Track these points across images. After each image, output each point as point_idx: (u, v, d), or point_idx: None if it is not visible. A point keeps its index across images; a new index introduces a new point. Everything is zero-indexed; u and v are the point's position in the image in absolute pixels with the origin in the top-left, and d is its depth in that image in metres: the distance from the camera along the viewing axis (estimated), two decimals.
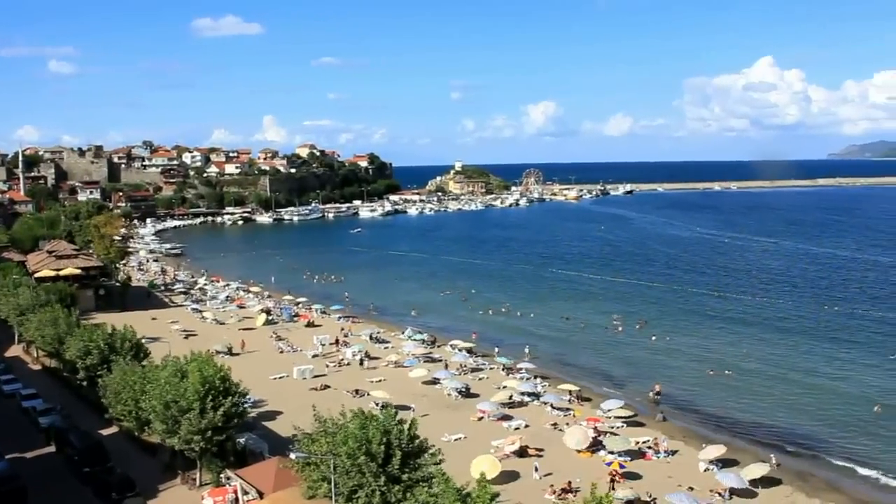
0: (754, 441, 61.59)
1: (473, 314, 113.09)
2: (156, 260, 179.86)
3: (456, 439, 59.13)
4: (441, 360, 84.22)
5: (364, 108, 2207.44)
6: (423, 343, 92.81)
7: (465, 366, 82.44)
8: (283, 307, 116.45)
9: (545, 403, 69.22)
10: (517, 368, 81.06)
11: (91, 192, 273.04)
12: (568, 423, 63.25)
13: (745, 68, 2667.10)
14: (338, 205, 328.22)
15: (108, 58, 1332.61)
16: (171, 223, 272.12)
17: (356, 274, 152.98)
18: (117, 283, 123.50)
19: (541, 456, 56.10)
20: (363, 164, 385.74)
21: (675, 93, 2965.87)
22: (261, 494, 42.10)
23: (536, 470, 52.84)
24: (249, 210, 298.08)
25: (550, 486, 50.39)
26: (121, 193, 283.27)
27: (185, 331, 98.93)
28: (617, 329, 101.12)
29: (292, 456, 39.57)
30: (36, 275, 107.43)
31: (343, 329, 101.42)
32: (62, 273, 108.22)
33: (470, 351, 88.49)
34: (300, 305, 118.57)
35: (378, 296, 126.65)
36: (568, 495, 49.12)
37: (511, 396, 70.49)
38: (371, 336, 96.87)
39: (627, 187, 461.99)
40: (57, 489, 48.42)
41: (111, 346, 62.27)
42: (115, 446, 53.96)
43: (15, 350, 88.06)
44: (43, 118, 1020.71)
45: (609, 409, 65.83)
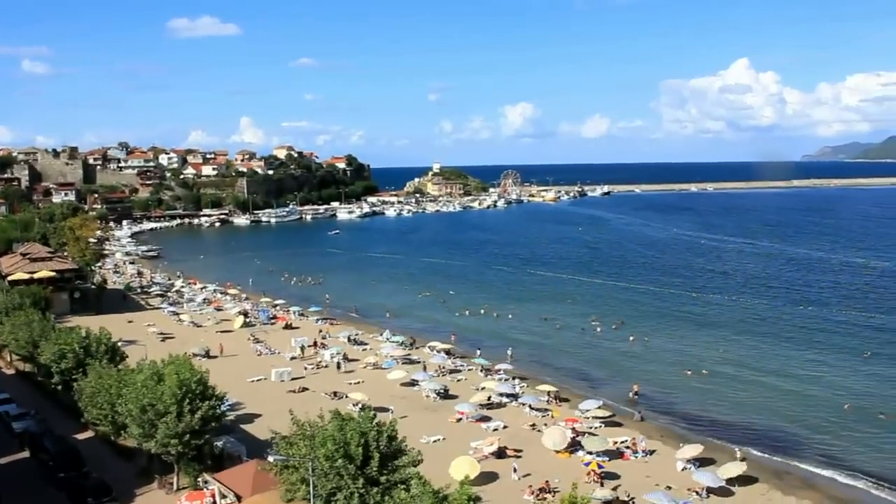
0: (731, 440, 61.96)
1: (452, 316, 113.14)
2: (132, 262, 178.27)
3: (434, 441, 59.09)
4: (419, 362, 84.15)
5: (342, 109, 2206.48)
6: (401, 345, 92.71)
7: (444, 367, 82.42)
8: (260, 309, 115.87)
9: (523, 404, 69.34)
10: (495, 370, 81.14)
11: (66, 194, 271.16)
12: (546, 424, 63.41)
13: (722, 70, 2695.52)
14: (315, 206, 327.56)
15: (82, 58, 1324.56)
16: (147, 225, 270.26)
17: (334, 276, 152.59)
18: (93, 286, 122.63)
19: (519, 457, 56.20)
20: (341, 165, 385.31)
21: (651, 94, 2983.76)
22: (239, 498, 41.86)
23: (515, 471, 52.93)
24: (227, 212, 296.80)
25: (529, 486, 50.48)
26: (96, 195, 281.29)
27: (161, 334, 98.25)
28: (595, 330, 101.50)
29: (270, 459, 39.47)
30: (9, 278, 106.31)
31: (321, 331, 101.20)
32: (36, 276, 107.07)
33: (448, 352, 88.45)
34: (278, 307, 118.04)
35: (356, 298, 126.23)
36: (546, 495, 49.26)
37: (489, 398, 70.52)
38: (349, 338, 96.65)
39: (605, 188, 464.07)
40: (31, 495, 47.97)
41: (86, 349, 61.70)
42: (91, 451, 53.54)
43: None
44: (16, 119, 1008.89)
45: (587, 410, 66.06)
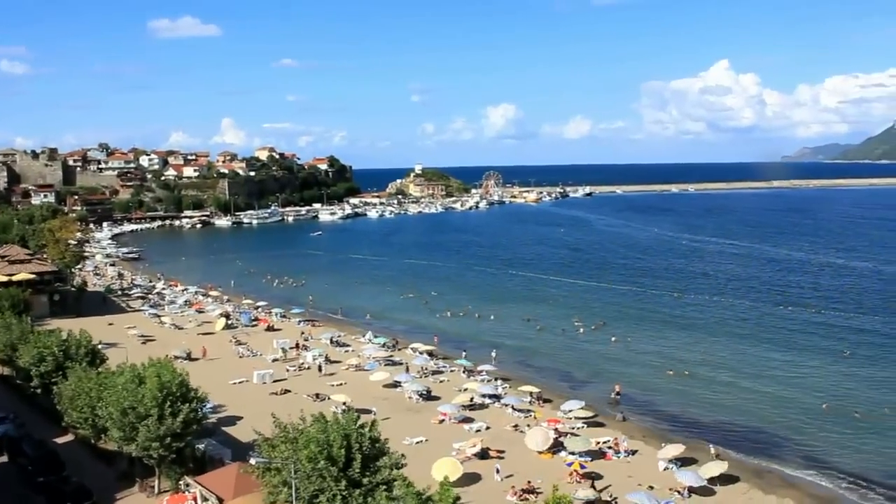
0: (712, 440, 62.24)
1: (434, 317, 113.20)
2: (112, 264, 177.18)
3: (417, 442, 59.09)
4: (402, 364, 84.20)
5: (324, 110, 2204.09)
6: (383, 346, 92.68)
7: (426, 369, 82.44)
8: (242, 311, 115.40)
9: (506, 405, 69.47)
10: (478, 371, 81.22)
11: (45, 196, 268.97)
12: (529, 425, 63.50)
13: (702, 72, 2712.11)
14: (297, 208, 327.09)
15: (62, 58, 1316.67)
16: (128, 227, 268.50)
17: (316, 278, 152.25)
18: (72, 288, 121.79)
19: (502, 457, 56.30)
20: (323, 166, 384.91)
21: (633, 96, 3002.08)
22: (221, 501, 41.65)
23: (498, 472, 52.98)
24: (208, 213, 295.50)
25: (512, 487, 50.55)
26: (76, 197, 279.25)
27: (142, 336, 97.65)
28: (577, 331, 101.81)
29: (252, 461, 39.26)
30: None
31: (303, 333, 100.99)
32: (15, 278, 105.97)
33: (431, 354, 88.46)
34: (260, 309, 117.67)
35: (339, 299, 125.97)
36: (529, 496, 49.36)
37: (472, 399, 70.57)
38: (332, 339, 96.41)
39: (587, 189, 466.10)
40: (9, 500, 47.49)
41: (66, 352, 61.28)
42: (71, 455, 53.11)
43: None
44: None
45: (569, 410, 66.24)
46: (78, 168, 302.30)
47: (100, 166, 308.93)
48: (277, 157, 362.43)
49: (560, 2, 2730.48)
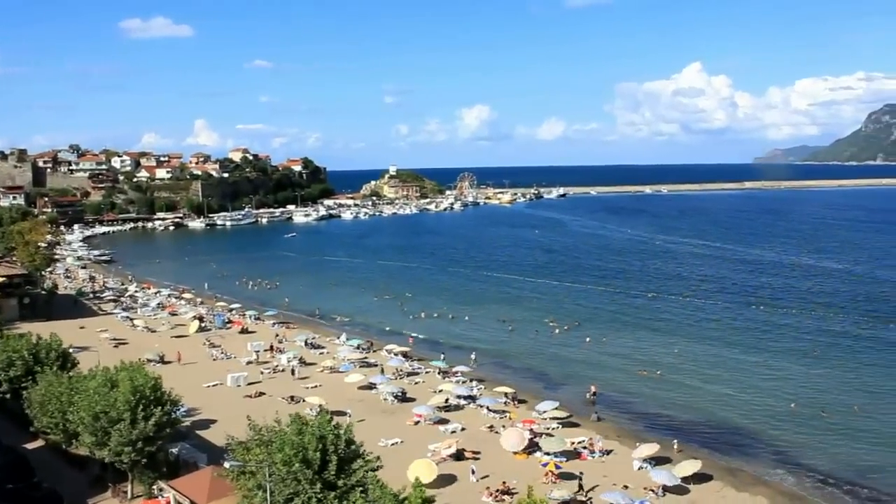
0: (684, 439, 62.88)
1: (409, 318, 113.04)
2: (84, 267, 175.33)
3: (392, 444, 59.04)
4: (377, 365, 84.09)
5: (298, 112, 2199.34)
6: (358, 348, 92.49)
7: (401, 370, 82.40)
8: (216, 314, 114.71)
9: (481, 406, 69.59)
10: (453, 372, 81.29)
11: (14, 198, 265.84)
12: (504, 426, 63.70)
13: (675, 74, 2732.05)
14: (271, 210, 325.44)
15: (31, 58, 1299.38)
16: (99, 229, 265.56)
17: (291, 280, 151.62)
18: (43, 291, 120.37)
19: (477, 458, 56.38)
20: (297, 168, 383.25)
21: (606, 98, 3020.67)
22: None
23: (473, 473, 53.05)
24: (181, 215, 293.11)
25: (487, 488, 50.65)
26: (46, 199, 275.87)
27: (114, 339, 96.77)
28: (552, 332, 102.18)
29: (227, 465, 39.02)
30: None
31: (278, 335, 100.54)
32: None
33: (406, 355, 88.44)
34: (234, 312, 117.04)
35: (313, 301, 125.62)
36: (505, 497, 49.47)
37: (447, 400, 70.67)
38: (306, 342, 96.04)
39: (561, 191, 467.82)
40: None
41: (36, 356, 60.47)
42: (41, 461, 52.44)
43: None
44: None
45: (544, 411, 66.54)
46: (48, 169, 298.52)
47: (71, 168, 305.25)
48: (251, 158, 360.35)
49: (534, 3, 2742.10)
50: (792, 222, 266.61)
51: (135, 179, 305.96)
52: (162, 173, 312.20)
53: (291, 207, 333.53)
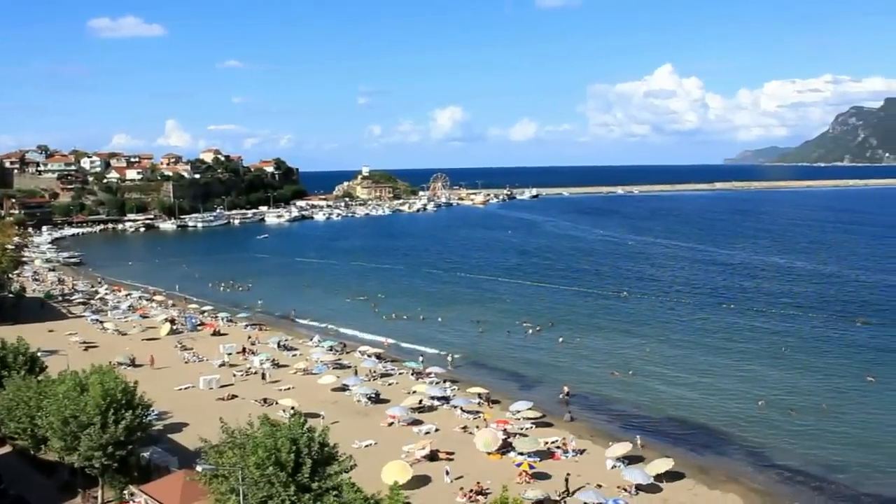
0: (658, 438, 63.40)
1: (382, 320, 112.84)
2: (53, 269, 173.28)
3: (366, 445, 58.95)
4: (350, 367, 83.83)
5: (270, 112, 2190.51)
6: (331, 350, 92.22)
7: (375, 371, 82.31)
8: (187, 316, 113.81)
9: (455, 407, 69.63)
10: (427, 373, 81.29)
11: None
12: (478, 426, 63.83)
13: (647, 76, 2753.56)
14: (243, 211, 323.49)
15: None
16: (69, 231, 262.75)
17: (264, 281, 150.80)
18: (10, 295, 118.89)
19: (451, 459, 56.45)
20: (269, 169, 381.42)
21: (579, 99, 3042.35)
22: None
23: (447, 473, 53.09)
24: (152, 217, 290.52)
25: (461, 488, 50.72)
26: (13, 200, 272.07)
27: (84, 343, 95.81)
28: (526, 332, 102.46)
29: (199, 468, 38.78)
30: None
31: (250, 337, 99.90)
32: None
33: (379, 356, 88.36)
34: (205, 314, 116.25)
35: (286, 303, 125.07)
36: (479, 497, 49.55)
37: (421, 401, 70.74)
38: (279, 343, 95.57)
39: (533, 192, 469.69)
40: None
41: (3, 360, 59.60)
42: (8, 467, 51.93)
43: None
44: None
45: (518, 411, 66.74)
46: (15, 170, 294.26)
47: (39, 169, 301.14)
48: (223, 159, 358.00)
49: (506, 4, 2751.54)
50: (762, 223, 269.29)
51: (105, 180, 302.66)
52: (132, 174, 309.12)
53: (264, 209, 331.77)
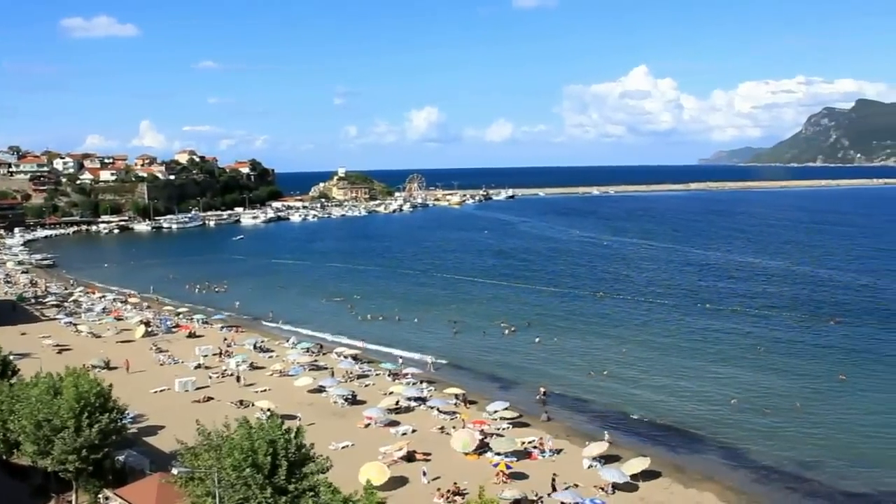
0: (634, 437, 63.81)
1: (358, 321, 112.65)
2: (25, 272, 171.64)
3: (343, 447, 58.88)
4: (327, 368, 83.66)
5: (245, 113, 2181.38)
6: (308, 351, 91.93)
7: (351, 373, 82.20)
8: (162, 318, 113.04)
9: (432, 408, 69.66)
10: (403, 374, 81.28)
11: None
12: (455, 427, 63.90)
13: (622, 76, 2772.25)
14: (219, 212, 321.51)
15: None
16: (41, 233, 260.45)
17: (240, 283, 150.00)
18: None
19: (428, 460, 56.51)
20: (245, 170, 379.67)
21: (554, 100, 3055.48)
22: None
23: (424, 474, 53.14)
24: (126, 218, 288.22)
25: (438, 489, 50.78)
26: None
27: (58, 345, 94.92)
28: (502, 332, 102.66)
29: (175, 471, 38.58)
30: None
31: (226, 339, 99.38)
32: None
33: (355, 358, 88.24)
34: (181, 316, 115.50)
35: (262, 304, 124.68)
36: (456, 498, 49.62)
37: (398, 402, 70.76)
38: (255, 345, 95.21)
39: (509, 192, 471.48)
40: None
41: None
42: None
43: None
44: None
45: (495, 411, 66.91)
46: None
47: (10, 170, 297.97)
48: (198, 160, 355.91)
49: (482, 4, 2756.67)
50: (736, 223, 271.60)
51: (78, 182, 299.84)
52: (106, 175, 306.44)
53: (239, 210, 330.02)
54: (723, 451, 60.71)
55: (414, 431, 63.87)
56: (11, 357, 67.09)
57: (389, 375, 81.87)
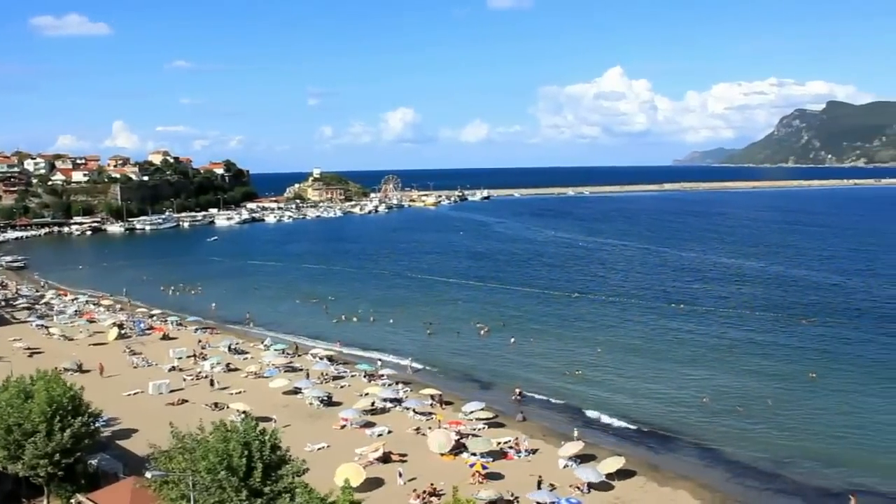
0: (609, 437, 64.23)
1: (334, 322, 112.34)
2: None
3: (319, 448, 58.80)
4: (302, 370, 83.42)
5: (220, 114, 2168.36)
6: (283, 353, 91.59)
7: (327, 374, 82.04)
8: (136, 320, 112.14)
9: (407, 409, 69.71)
10: (379, 375, 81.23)
11: None
12: (430, 427, 63.98)
13: (597, 78, 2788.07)
14: (193, 213, 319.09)
15: None
16: (11, 234, 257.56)
17: (214, 284, 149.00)
18: None
19: (404, 461, 56.52)
20: (219, 171, 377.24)
21: (529, 101, 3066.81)
22: None
23: (401, 475, 53.16)
24: (99, 220, 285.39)
25: (414, 490, 50.83)
26: None
27: (29, 348, 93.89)
28: (478, 333, 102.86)
29: (148, 475, 38.25)
30: None
31: (201, 341, 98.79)
32: None
33: (331, 359, 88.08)
34: (154, 318, 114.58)
35: (238, 306, 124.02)
36: (433, 498, 49.70)
37: (373, 403, 70.73)
38: (230, 347, 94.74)
39: (485, 193, 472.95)
40: None
41: None
42: None
43: None
44: None
45: (471, 412, 67.05)
46: None
47: None
48: (172, 161, 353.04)
49: (457, 5, 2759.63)
50: (710, 223, 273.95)
51: (49, 183, 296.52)
52: (78, 176, 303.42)
53: (214, 211, 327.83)
54: (697, 450, 61.33)
55: (390, 432, 63.88)
56: None
57: (365, 377, 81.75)
